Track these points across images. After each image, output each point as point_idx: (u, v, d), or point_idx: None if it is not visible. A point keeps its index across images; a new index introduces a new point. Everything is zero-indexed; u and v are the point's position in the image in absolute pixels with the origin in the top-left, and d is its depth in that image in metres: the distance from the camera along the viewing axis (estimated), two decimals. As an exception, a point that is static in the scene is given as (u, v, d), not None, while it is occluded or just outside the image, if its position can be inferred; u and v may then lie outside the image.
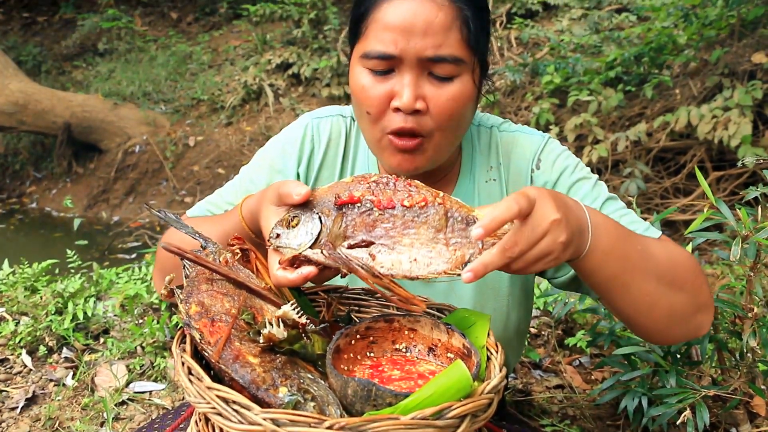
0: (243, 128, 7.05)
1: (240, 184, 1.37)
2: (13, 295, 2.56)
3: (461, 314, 1.03)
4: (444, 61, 1.08)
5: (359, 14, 1.14)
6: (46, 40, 9.93)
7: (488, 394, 0.79)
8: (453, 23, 1.08)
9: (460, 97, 1.11)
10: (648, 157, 4.93)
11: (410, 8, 1.07)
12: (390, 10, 1.08)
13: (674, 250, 1.11)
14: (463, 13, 1.09)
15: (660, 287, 1.04)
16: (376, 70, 1.11)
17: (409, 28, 1.07)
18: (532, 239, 0.87)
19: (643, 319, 1.07)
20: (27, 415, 1.92)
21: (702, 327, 1.11)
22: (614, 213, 1.20)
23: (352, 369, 0.94)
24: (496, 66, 6.69)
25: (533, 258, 0.89)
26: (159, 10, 10.19)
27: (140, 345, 2.28)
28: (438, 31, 1.07)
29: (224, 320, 0.88)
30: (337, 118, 1.36)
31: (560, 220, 0.89)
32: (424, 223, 0.92)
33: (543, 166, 1.27)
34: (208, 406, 0.75)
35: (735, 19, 5.05)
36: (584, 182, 1.25)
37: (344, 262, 0.91)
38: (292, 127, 1.38)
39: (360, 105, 1.15)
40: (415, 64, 1.09)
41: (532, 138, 1.30)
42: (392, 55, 1.08)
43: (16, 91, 7.14)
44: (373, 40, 1.10)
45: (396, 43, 1.07)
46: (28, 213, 7.08)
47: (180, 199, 6.61)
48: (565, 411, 1.93)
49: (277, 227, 0.95)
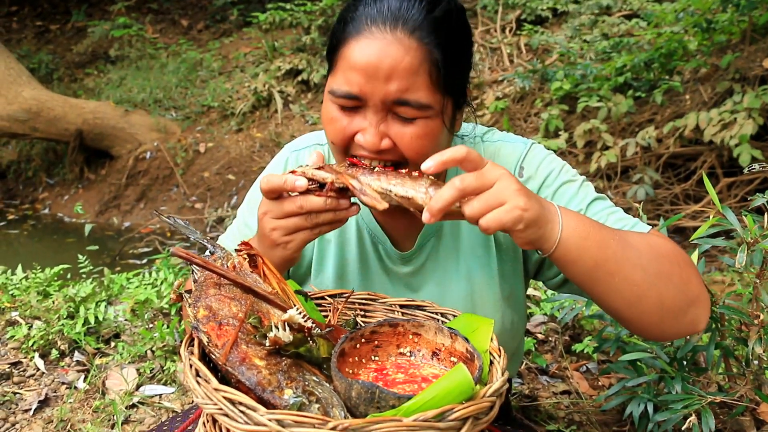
0: (253, 134, 7.10)
1: (238, 230, 1.41)
2: (26, 299, 2.60)
3: (465, 319, 1.04)
4: (408, 105, 1.07)
5: (331, 46, 1.15)
6: (59, 48, 10.05)
7: (490, 398, 0.80)
8: (420, 66, 1.06)
9: (425, 135, 1.10)
10: (658, 163, 4.91)
11: (376, 50, 1.05)
12: (357, 50, 1.07)
13: (658, 241, 1.11)
14: (433, 55, 1.07)
15: (646, 278, 1.04)
16: (343, 106, 1.12)
17: (373, 72, 1.05)
18: (481, 182, 0.93)
19: (633, 311, 1.07)
20: (40, 416, 1.95)
21: (697, 321, 1.10)
22: (602, 211, 1.21)
23: (356, 372, 0.95)
24: (505, 72, 6.70)
25: (487, 202, 0.92)
26: (170, 18, 10.29)
27: (150, 349, 2.31)
28: (403, 75, 1.05)
29: (231, 324, 0.90)
30: (314, 148, 1.39)
31: (509, 175, 0.94)
32: (411, 179, 1.01)
33: (526, 173, 1.27)
34: (215, 407, 0.77)
35: (746, 24, 5.04)
36: (570, 185, 1.25)
37: (333, 171, 1.03)
38: (274, 163, 1.42)
39: (328, 136, 1.17)
40: (379, 106, 1.08)
41: (515, 146, 1.31)
42: (356, 95, 1.08)
43: (29, 98, 7.23)
44: (341, 77, 1.10)
45: (360, 85, 1.07)
46: (41, 219, 7.15)
47: (190, 205, 6.66)
48: (571, 416, 1.93)
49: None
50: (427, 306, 1.13)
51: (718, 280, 3.25)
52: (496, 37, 7.43)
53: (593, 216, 1.20)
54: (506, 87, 6.42)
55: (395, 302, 1.15)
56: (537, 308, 2.61)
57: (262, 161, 6.65)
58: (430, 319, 1.08)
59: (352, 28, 1.09)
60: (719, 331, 1.55)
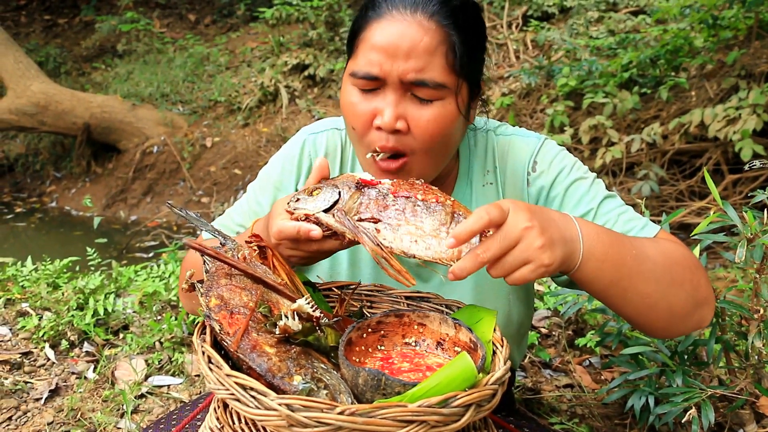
0: (259, 129, 7.13)
1: (248, 205, 1.41)
2: (37, 290, 2.64)
3: (469, 310, 1.07)
4: (425, 85, 1.11)
5: (353, 31, 1.19)
6: (67, 42, 10.09)
7: (492, 386, 0.82)
8: (438, 48, 1.10)
9: (441, 118, 1.13)
10: (663, 159, 4.92)
11: (397, 30, 1.10)
12: (378, 31, 1.12)
13: (670, 248, 1.13)
14: (451, 38, 1.11)
15: (659, 288, 1.07)
16: (362, 89, 1.15)
17: (393, 50, 1.09)
18: (504, 245, 0.91)
19: (644, 318, 1.11)
20: (51, 405, 1.99)
21: (703, 320, 1.14)
22: (612, 211, 1.23)
23: (363, 361, 0.98)
24: (511, 69, 6.71)
25: (512, 265, 0.92)
26: (177, 13, 10.32)
27: (158, 341, 2.34)
28: (421, 55, 1.09)
29: (242, 313, 0.93)
30: (332, 132, 1.40)
31: (532, 227, 0.92)
32: (431, 216, 0.99)
33: (539, 168, 1.29)
34: (227, 393, 0.80)
35: (752, 20, 5.03)
36: (581, 182, 1.27)
37: (351, 227, 0.98)
38: (290, 144, 1.42)
39: (347, 120, 1.20)
40: (398, 85, 1.11)
41: (528, 140, 1.32)
42: (376, 76, 1.12)
43: (37, 92, 7.28)
44: (361, 59, 1.14)
45: (381, 64, 1.10)
46: (48, 212, 7.20)
47: (197, 199, 6.69)
48: (574, 410, 1.96)
49: (300, 194, 1.04)
50: (432, 297, 1.16)
51: (722, 276, 3.27)
52: (502, 33, 7.44)
53: (604, 215, 1.22)
54: (512, 83, 6.43)
55: (401, 293, 1.18)
56: (541, 303, 2.63)
57: (268, 156, 6.67)
58: (434, 310, 1.11)
59: (374, 13, 1.14)
60: (720, 326, 1.58)
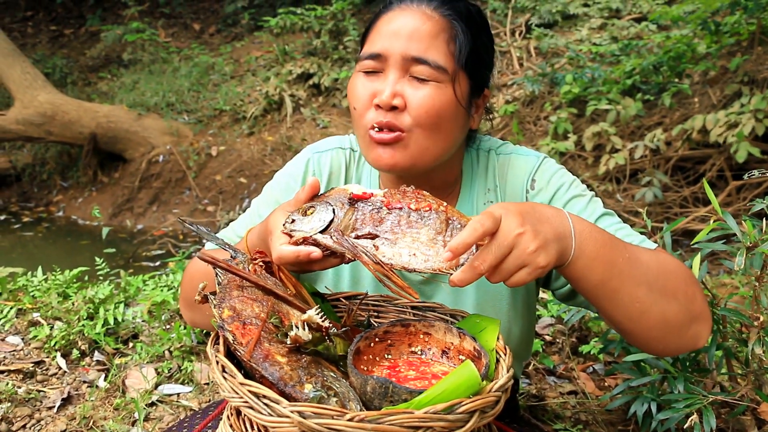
0: (264, 138, 7.18)
1: (251, 221, 1.44)
2: (47, 300, 2.68)
3: (473, 320, 1.10)
4: (424, 63, 1.18)
5: (366, 30, 1.29)
6: (73, 52, 10.19)
7: (496, 392, 0.85)
8: (440, 34, 1.19)
9: (436, 98, 1.18)
10: (667, 166, 4.94)
11: (403, 17, 1.20)
12: (384, 20, 1.23)
13: (666, 259, 1.15)
14: (453, 29, 1.20)
15: (651, 294, 1.08)
16: (366, 71, 1.23)
17: (397, 32, 1.19)
18: (498, 254, 0.94)
19: (635, 326, 1.10)
20: (63, 414, 2.02)
21: (699, 338, 1.14)
22: (609, 228, 1.24)
23: (371, 369, 1.01)
24: (515, 76, 6.74)
25: (509, 270, 0.95)
26: (182, 22, 10.42)
27: (168, 349, 2.37)
28: (423, 37, 1.18)
29: (254, 323, 0.96)
30: (337, 151, 1.43)
31: (524, 233, 0.95)
32: (426, 225, 1.01)
33: (537, 186, 1.33)
34: (241, 401, 0.83)
35: (755, 26, 5.06)
36: (579, 199, 1.30)
37: (350, 247, 1.00)
38: (294, 162, 1.46)
39: (350, 101, 1.27)
40: (399, 64, 1.19)
41: (527, 159, 1.36)
42: (378, 53, 1.20)
43: (44, 102, 7.35)
44: (368, 45, 1.24)
45: (383, 43, 1.20)
46: (55, 221, 7.26)
47: (203, 208, 6.74)
48: (577, 416, 1.98)
49: (294, 214, 1.06)
50: (437, 307, 1.19)
51: (726, 283, 3.28)
52: (505, 40, 7.48)
53: None
54: (516, 90, 6.47)
55: (407, 304, 1.21)
56: (545, 310, 2.65)
57: (273, 164, 6.73)
58: (439, 319, 1.14)
59: (383, 9, 1.26)
60: (721, 333, 1.60)
